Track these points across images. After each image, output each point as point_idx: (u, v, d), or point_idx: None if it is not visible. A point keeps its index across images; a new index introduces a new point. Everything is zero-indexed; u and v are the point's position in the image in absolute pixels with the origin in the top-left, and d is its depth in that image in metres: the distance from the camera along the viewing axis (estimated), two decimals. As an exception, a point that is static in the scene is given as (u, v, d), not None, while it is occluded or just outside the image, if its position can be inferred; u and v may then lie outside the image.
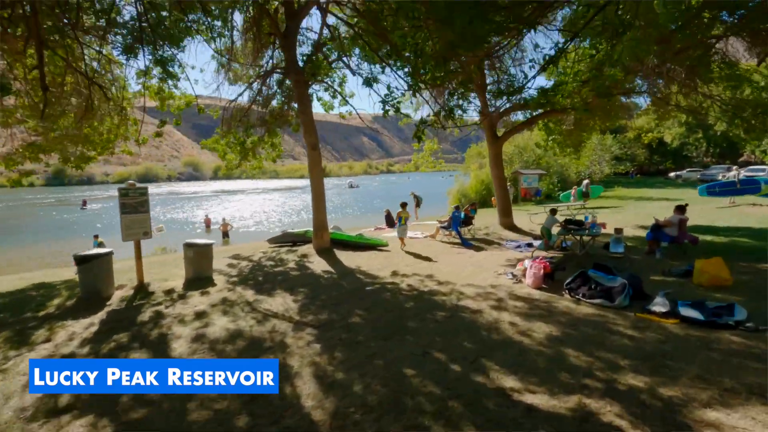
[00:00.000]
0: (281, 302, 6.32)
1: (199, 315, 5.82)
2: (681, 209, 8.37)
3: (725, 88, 10.36)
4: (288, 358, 4.33)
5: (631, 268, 7.51)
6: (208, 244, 7.97)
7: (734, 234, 10.94)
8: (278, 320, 5.55)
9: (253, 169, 12.74)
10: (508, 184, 25.01)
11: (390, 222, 16.21)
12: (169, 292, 7.03)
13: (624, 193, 28.68)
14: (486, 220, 14.83)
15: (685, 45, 9.55)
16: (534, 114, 12.40)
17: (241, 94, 11.00)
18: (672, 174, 47.23)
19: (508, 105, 13.17)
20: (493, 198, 23.70)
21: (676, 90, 10.93)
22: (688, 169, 45.30)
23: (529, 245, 10.05)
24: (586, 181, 21.77)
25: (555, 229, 9.70)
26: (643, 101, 15.85)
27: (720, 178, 36.92)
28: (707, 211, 16.36)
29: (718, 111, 12.12)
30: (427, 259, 9.38)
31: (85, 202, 39.61)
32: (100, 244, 15.83)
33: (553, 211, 9.29)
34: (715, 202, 19.35)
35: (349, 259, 9.45)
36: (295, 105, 11.10)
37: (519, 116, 13.64)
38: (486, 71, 14.05)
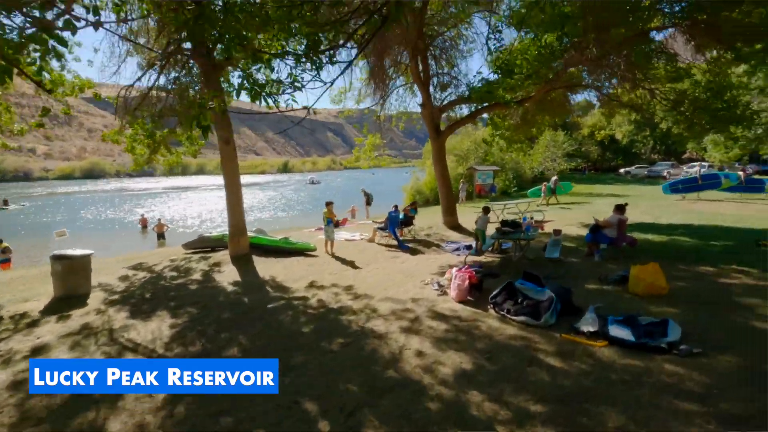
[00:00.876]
0: (154, 329, 5.19)
1: (36, 351, 4.60)
2: (620, 209, 7.88)
3: (664, 82, 10.06)
4: (111, 420, 3.26)
5: (568, 274, 6.93)
6: (84, 255, 6.65)
7: (675, 232, 10.72)
8: (136, 355, 4.44)
9: (169, 165, 11.33)
10: (462, 181, 24.64)
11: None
12: (18, 317, 5.72)
13: (578, 189, 29.03)
14: (431, 219, 14.12)
15: (625, 35, 9.12)
16: (477, 108, 11.73)
17: (139, 79, 9.54)
18: (622, 170, 48.93)
19: (452, 98, 12.48)
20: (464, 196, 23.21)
21: (617, 85, 10.56)
22: (636, 166, 47.02)
23: (469, 247, 9.34)
24: (554, 178, 21.60)
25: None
26: (594, 97, 15.68)
27: (665, 174, 38.49)
28: (653, 208, 16.43)
29: (660, 108, 11.94)
30: (355, 266, 8.45)
31: (6, 201, 35.91)
32: (5, 250, 13.90)
33: (486, 210, 8.53)
34: (663, 199, 19.66)
35: (266, 267, 8.38)
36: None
37: (464, 110, 12.98)
38: (432, 63, 13.32)
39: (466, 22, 13.07)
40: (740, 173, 20.23)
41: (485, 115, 14.74)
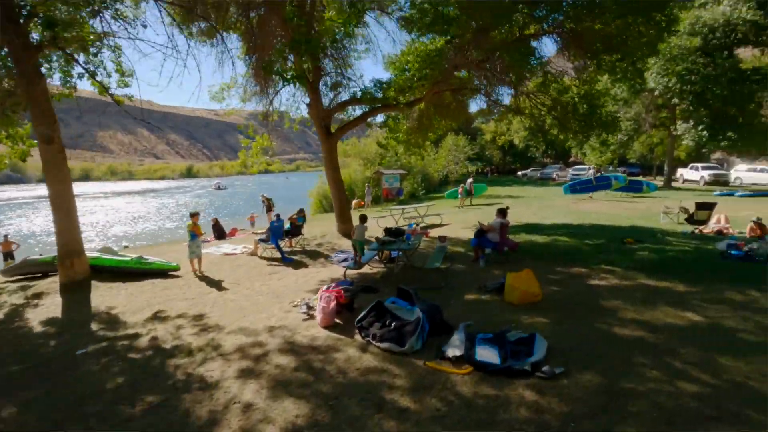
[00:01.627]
0: None
1: None
2: (502, 213, 7.80)
3: (537, 87, 10.46)
4: None
5: (451, 284, 6.56)
6: None
7: (557, 232, 11.20)
8: None
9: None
10: (367, 185, 24.22)
11: (220, 233, 13.64)
12: None
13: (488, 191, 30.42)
14: (326, 226, 13.30)
15: (503, 39, 9.21)
16: (369, 109, 11.20)
17: None
18: (520, 173, 53.08)
19: (344, 98, 11.82)
20: (355, 201, 22.60)
21: (497, 88, 10.76)
22: (532, 169, 51.28)
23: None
24: (469, 180, 22.01)
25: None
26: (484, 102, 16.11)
27: (554, 176, 42.38)
28: (542, 209, 17.46)
29: (536, 112, 12.52)
30: (221, 287, 7.28)
31: None
32: None
33: (363, 219, 7.75)
34: (551, 199, 21.15)
35: (107, 295, 6.82)
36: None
37: (358, 111, 12.40)
38: (327, 62, 12.53)
39: (363, 23, 12.57)
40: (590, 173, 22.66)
41: (381, 118, 14.37)
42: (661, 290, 5.83)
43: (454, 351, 4.03)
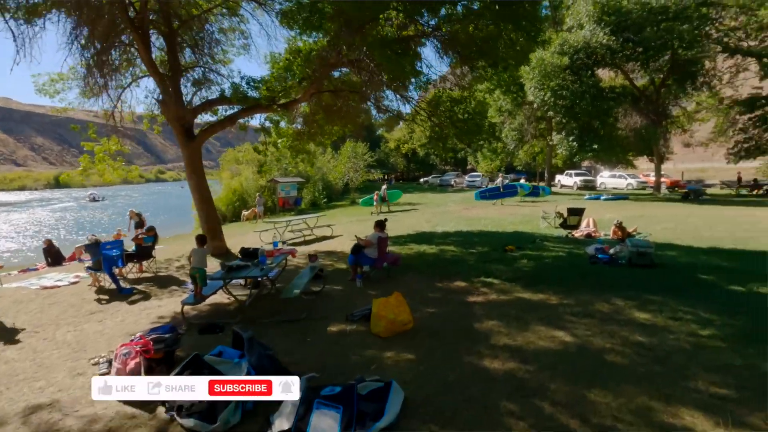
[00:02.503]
0: None
1: None
2: (380, 226, 7.07)
3: (416, 89, 10.14)
4: None
5: (316, 313, 5.56)
6: None
7: (446, 240, 10.96)
8: None
9: None
10: (258, 194, 22.35)
11: (55, 258, 10.99)
12: None
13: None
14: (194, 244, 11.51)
15: (381, 39, 8.62)
16: (239, 110, 9.81)
17: None
18: (422, 180, 54.86)
19: (209, 96, 10.27)
20: (245, 212, 20.60)
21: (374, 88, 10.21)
22: (432, 176, 53.32)
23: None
24: (384, 187, 21.21)
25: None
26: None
27: (452, 182, 44.41)
28: (436, 215, 17.51)
29: (419, 118, 12.30)
30: (9, 338, 5.37)
31: None
32: None
33: (201, 241, 6.18)
34: (445, 205, 21.52)
35: None
36: None
37: (229, 112, 10.88)
38: (190, 54, 10.83)
39: (238, 15, 11.13)
40: (499, 181, 23.99)
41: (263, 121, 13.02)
42: (535, 304, 5.51)
43: (281, 424, 3.01)
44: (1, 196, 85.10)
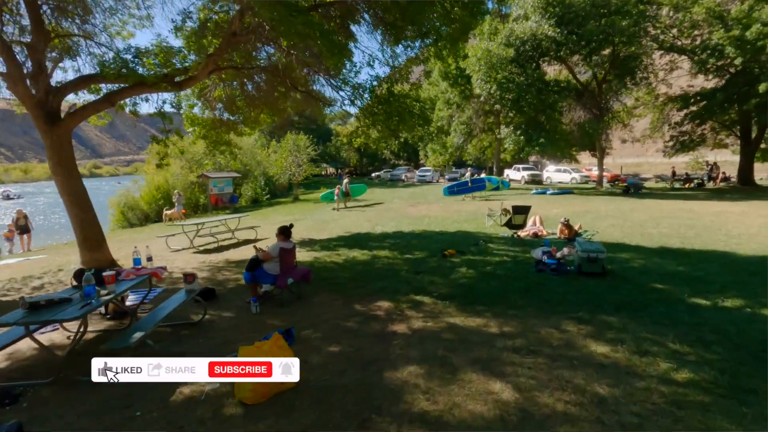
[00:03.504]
0: None
1: None
2: (284, 233, 5.61)
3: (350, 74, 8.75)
4: None
5: (190, 349, 4.04)
6: None
7: (382, 244, 9.69)
8: None
9: None
10: (177, 192, 19.92)
11: None
12: None
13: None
14: (66, 256, 9.41)
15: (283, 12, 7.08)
16: (119, 89, 7.87)
17: None
18: (373, 174, 53.65)
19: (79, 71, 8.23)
20: (167, 210, 18.21)
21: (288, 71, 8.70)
22: (384, 170, 52.22)
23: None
24: (345, 180, 19.41)
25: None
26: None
27: (403, 177, 43.54)
28: (381, 212, 16.23)
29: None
30: None
31: None
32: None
33: None
34: (392, 202, 20.31)
35: None
36: None
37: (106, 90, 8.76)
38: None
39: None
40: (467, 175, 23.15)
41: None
42: (469, 336, 4.31)
43: None
44: None
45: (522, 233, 9.78)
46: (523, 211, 9.46)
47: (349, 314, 5.12)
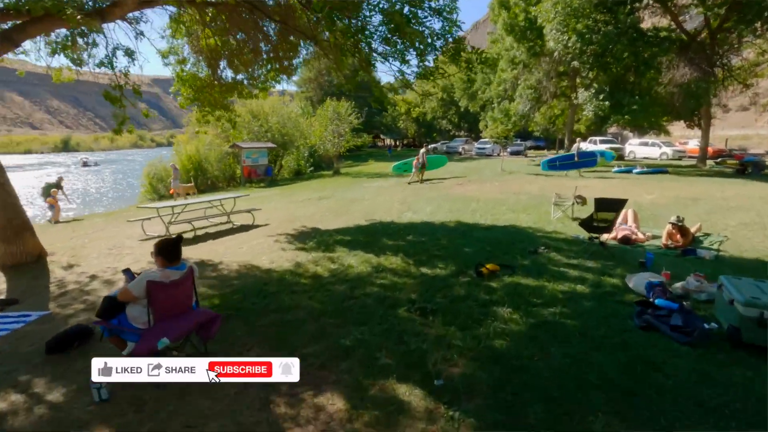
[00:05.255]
0: None
1: None
2: (166, 253, 3.13)
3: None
4: None
5: None
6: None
7: (398, 242, 7.05)
8: None
9: None
10: (173, 165, 18.19)
11: None
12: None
13: (367, 170, 26.08)
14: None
15: None
16: (21, 22, 5.69)
17: None
18: (429, 146, 50.17)
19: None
20: (172, 189, 16.74)
21: None
22: (441, 142, 48.48)
23: None
24: (422, 151, 17.12)
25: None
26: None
27: (460, 149, 39.74)
28: (417, 192, 13.42)
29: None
30: None
31: None
32: None
33: None
34: (436, 179, 17.32)
35: None
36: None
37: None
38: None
39: None
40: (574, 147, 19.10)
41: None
42: None
43: None
44: (4, 159, 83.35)
45: (606, 237, 6.55)
46: (612, 206, 6.22)
47: (256, 422, 2.61)
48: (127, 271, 3.28)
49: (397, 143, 63.52)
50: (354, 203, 11.98)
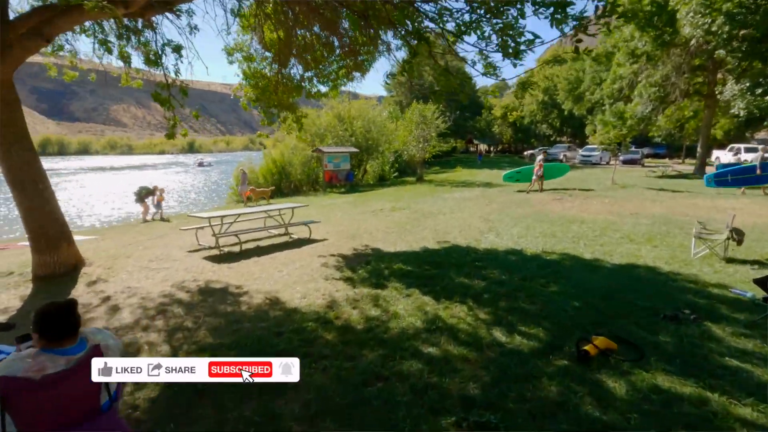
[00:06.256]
0: None
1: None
2: (46, 332, 1.96)
3: None
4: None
5: None
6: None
7: (471, 280, 5.43)
8: None
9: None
10: (242, 170, 18.06)
11: None
12: None
13: (463, 175, 24.27)
14: (17, 258, 7.45)
15: None
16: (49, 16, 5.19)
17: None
18: (526, 152, 46.28)
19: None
20: (252, 189, 16.81)
21: None
22: (539, 148, 44.43)
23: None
24: (540, 157, 15.89)
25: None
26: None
27: (561, 157, 35.68)
28: (501, 208, 11.45)
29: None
30: None
31: None
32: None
33: None
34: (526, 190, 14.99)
35: None
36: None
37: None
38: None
39: None
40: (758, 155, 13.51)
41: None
42: None
43: None
44: (142, 159, 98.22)
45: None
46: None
47: None
48: (22, 339, 2.25)
49: (491, 149, 60.21)
50: (428, 218, 10.50)
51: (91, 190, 31.24)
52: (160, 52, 6.10)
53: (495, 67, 5.55)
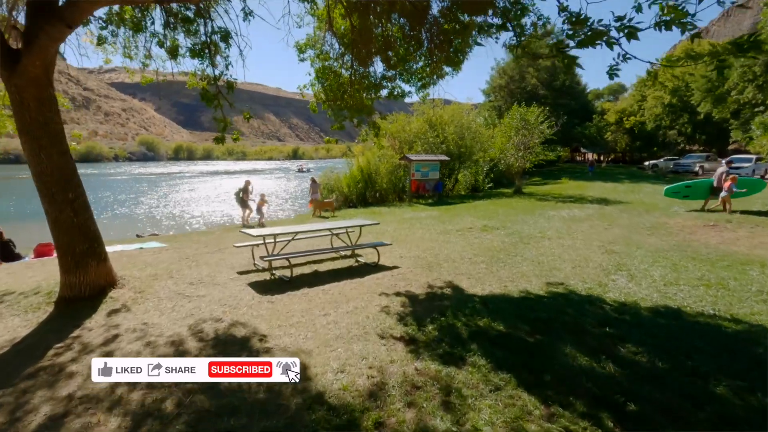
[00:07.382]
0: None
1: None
2: None
3: None
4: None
5: None
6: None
7: (598, 368, 3.44)
8: None
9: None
10: (313, 179, 17.00)
11: (5, 252, 8.51)
12: None
13: (569, 189, 21.03)
14: (49, 271, 6.78)
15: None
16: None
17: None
18: (647, 163, 39.82)
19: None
20: (312, 199, 15.84)
21: None
22: (665, 158, 37.85)
23: None
24: (720, 170, 12.22)
25: None
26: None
27: (696, 168, 29.48)
28: (635, 232, 8.77)
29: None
30: None
31: None
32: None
33: None
34: (644, 216, 11.75)
35: None
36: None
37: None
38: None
39: None
40: None
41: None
42: None
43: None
44: (253, 165, 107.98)
45: None
46: None
47: None
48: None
49: (602, 158, 53.62)
50: (528, 243, 8.38)
51: (203, 193, 34.13)
52: (208, 40, 5.21)
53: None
